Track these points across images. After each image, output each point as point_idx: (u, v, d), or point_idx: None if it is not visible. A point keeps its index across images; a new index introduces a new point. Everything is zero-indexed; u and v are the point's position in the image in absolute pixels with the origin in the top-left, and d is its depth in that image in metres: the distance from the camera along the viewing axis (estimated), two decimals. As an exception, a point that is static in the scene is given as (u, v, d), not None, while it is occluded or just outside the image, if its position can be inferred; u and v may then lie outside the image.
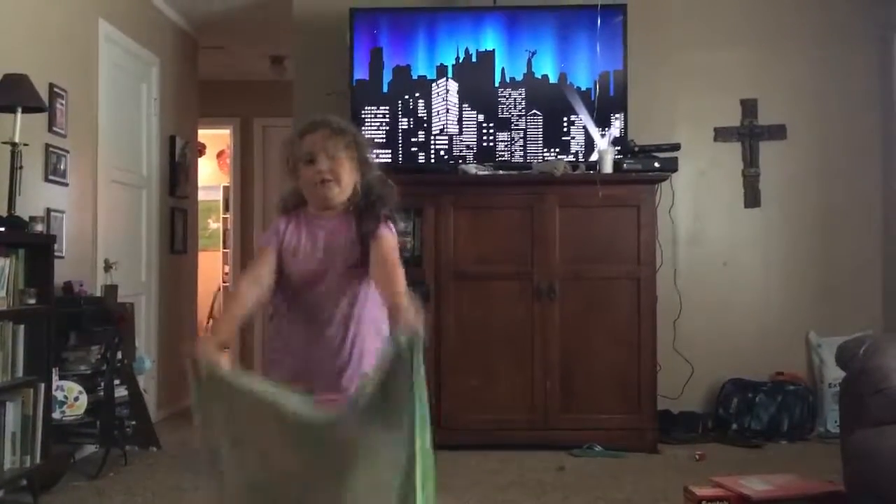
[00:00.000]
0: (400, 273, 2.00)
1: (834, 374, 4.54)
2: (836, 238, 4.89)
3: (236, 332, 2.30)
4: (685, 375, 4.71)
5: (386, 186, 2.19)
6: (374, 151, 2.29)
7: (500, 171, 4.46)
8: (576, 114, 4.53)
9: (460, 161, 4.52)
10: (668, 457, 4.18)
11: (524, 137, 4.55)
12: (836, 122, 4.90)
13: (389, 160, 4.49)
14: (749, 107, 4.91)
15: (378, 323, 2.13)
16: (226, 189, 8.51)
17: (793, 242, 4.91)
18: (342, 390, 2.04)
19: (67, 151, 4.12)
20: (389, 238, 2.10)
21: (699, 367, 4.73)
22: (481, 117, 4.55)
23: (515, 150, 4.55)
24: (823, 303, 4.85)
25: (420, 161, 4.55)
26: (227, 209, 8.34)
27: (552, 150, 4.53)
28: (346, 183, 2.12)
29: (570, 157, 4.50)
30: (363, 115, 4.56)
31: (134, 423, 4.24)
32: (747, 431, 4.56)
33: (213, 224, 9.69)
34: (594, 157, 4.45)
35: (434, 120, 4.56)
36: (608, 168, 4.35)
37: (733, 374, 4.75)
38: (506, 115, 4.56)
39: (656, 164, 4.36)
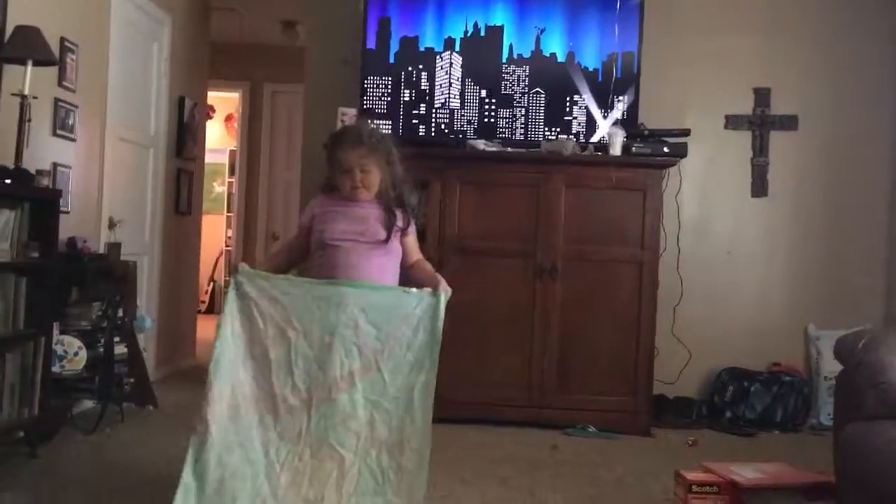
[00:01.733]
0: (426, 262, 2.74)
1: (830, 367, 4.55)
2: (841, 232, 4.88)
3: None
4: (682, 361, 4.73)
5: (408, 183, 2.70)
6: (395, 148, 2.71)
7: (508, 149, 4.45)
8: (580, 94, 4.49)
9: (460, 135, 4.50)
10: (660, 441, 4.21)
11: (526, 115, 4.53)
12: (849, 115, 4.88)
13: (389, 131, 4.47)
14: (762, 95, 4.88)
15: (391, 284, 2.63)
16: (232, 153, 8.50)
17: (798, 234, 4.90)
18: None
19: (76, 107, 4.10)
20: (414, 233, 2.73)
21: (697, 353, 4.74)
22: (483, 93, 4.52)
23: (517, 128, 4.52)
24: (824, 296, 4.86)
25: (420, 134, 4.53)
26: (232, 173, 8.33)
27: (553, 129, 4.51)
28: (373, 187, 2.63)
29: (572, 138, 4.47)
30: (365, 85, 4.53)
31: (132, 380, 4.27)
32: (741, 420, 4.59)
33: (218, 187, 9.70)
34: (602, 138, 4.43)
35: (436, 93, 4.54)
36: (617, 151, 4.33)
37: (730, 363, 4.76)
38: (509, 91, 4.53)
39: (665, 149, 4.34)
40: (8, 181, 3.26)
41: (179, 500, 2.30)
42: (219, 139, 9.14)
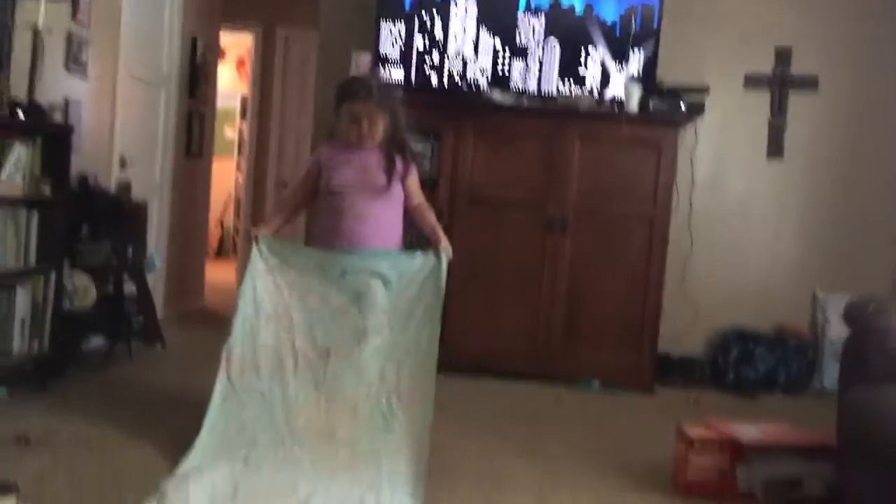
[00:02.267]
0: (431, 210, 2.95)
1: (836, 331, 4.56)
2: (854, 197, 4.83)
3: (283, 226, 2.98)
4: (688, 320, 4.73)
5: (408, 131, 2.91)
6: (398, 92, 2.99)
7: (524, 101, 4.40)
8: (596, 47, 4.41)
9: (473, 85, 4.44)
10: (663, 398, 4.24)
11: (540, 67, 4.46)
12: (871, 78, 4.79)
13: (402, 79, 4.42)
14: (783, 55, 4.80)
15: (388, 234, 2.88)
16: (243, 98, 8.44)
17: (810, 197, 4.86)
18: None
19: (89, 42, 4.07)
20: (417, 178, 2.95)
21: (703, 313, 4.74)
22: (498, 42, 4.45)
23: (530, 79, 4.46)
24: (834, 260, 4.83)
25: (433, 82, 4.47)
26: (243, 118, 8.28)
27: (567, 81, 4.44)
28: (379, 137, 2.84)
29: (586, 92, 4.41)
30: (380, 31, 4.47)
31: (140, 319, 4.30)
32: (744, 381, 4.61)
33: (229, 132, 9.65)
34: (619, 93, 4.37)
35: (450, 41, 4.47)
36: (633, 106, 4.28)
37: (736, 323, 4.77)
38: (524, 42, 4.46)
39: (682, 107, 4.29)
40: (21, 115, 3.25)
41: (204, 437, 2.56)
42: (230, 84, 9.06)
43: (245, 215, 7.50)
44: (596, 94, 4.41)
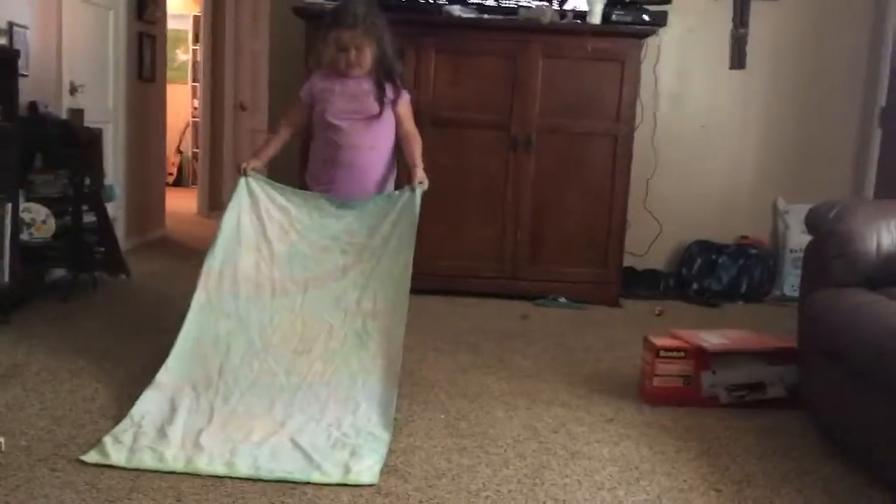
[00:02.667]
0: (419, 139, 2.96)
1: (797, 239, 4.67)
2: (814, 107, 4.86)
3: (274, 154, 3.04)
4: (653, 234, 4.79)
5: (396, 56, 2.93)
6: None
7: (485, 16, 4.31)
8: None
9: (440, 1, 4.33)
10: (629, 311, 4.31)
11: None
12: (832, -14, 4.78)
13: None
14: (745, -37, 4.74)
15: (386, 161, 2.95)
16: (196, 19, 8.17)
17: (772, 108, 4.88)
18: (358, 192, 2.88)
19: (29, -38, 3.88)
20: (408, 103, 2.96)
21: (667, 226, 4.80)
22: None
23: None
24: (795, 170, 4.89)
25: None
26: (196, 41, 8.03)
27: None
28: (367, 65, 2.85)
29: (548, 4, 4.32)
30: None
31: (102, 249, 4.23)
32: (707, 291, 4.70)
33: (182, 55, 9.37)
34: (581, 4, 4.30)
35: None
36: (596, 19, 4.22)
37: (700, 236, 4.83)
38: (484, -47, 4.32)
39: (645, 17, 4.24)
40: (-39, 39, 3.11)
41: (178, 346, 2.63)
42: (181, 4, 8.76)
43: (204, 141, 7.35)
44: (556, 4, 4.32)
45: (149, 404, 2.44)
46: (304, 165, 3.18)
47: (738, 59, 4.82)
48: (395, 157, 3.00)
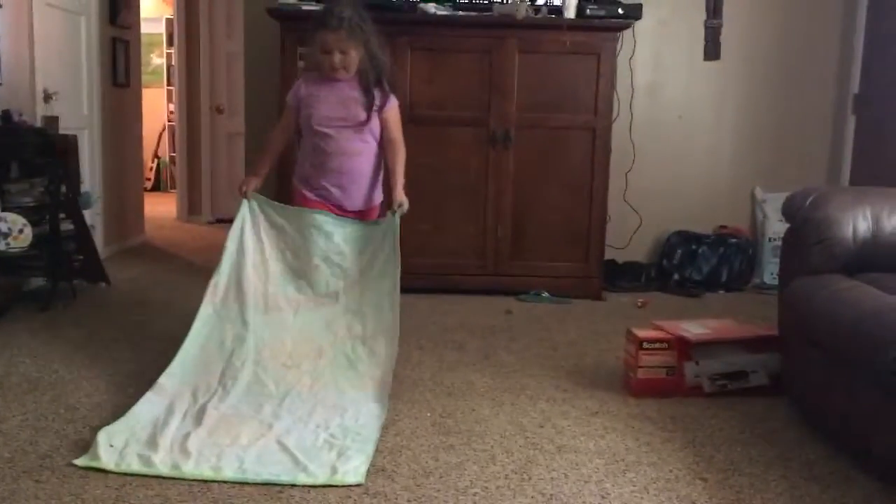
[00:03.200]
0: (402, 148, 2.94)
1: (775, 228, 4.71)
2: (789, 97, 4.90)
3: (271, 166, 3.10)
4: (633, 226, 4.82)
5: (384, 58, 2.89)
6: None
7: (460, 13, 4.31)
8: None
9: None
10: (611, 303, 4.33)
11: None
12: (803, -25, 4.82)
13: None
14: (717, -45, 4.77)
15: (374, 163, 2.95)
16: (169, 22, 8.11)
17: (748, 98, 4.91)
18: (345, 202, 2.93)
19: (-2, -31, 3.83)
20: (396, 110, 2.94)
21: (647, 218, 4.83)
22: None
23: None
24: (772, 159, 4.93)
25: None
26: (171, 44, 7.97)
27: None
28: (352, 67, 2.84)
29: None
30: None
31: (81, 257, 4.20)
32: (688, 282, 4.73)
33: (157, 59, 9.30)
34: (556, 0, 4.31)
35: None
36: (571, 13, 4.23)
37: (680, 227, 4.86)
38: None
39: (620, 11, 4.25)
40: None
41: (185, 350, 2.70)
42: (154, 7, 8.69)
43: (181, 145, 7.30)
44: (529, 2, 4.32)
45: (146, 407, 2.48)
46: (291, 165, 3.15)
47: (712, 51, 4.85)
48: (382, 159, 3.00)
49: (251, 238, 2.87)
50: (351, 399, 2.58)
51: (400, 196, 2.85)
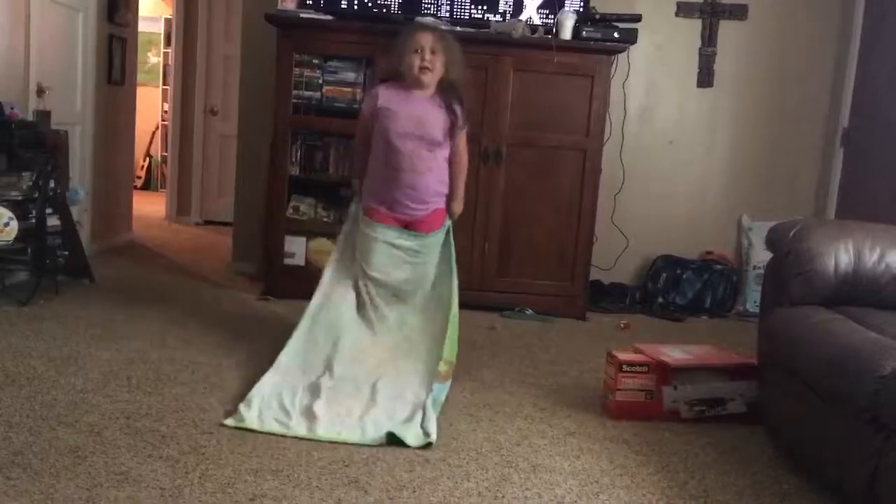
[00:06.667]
0: (466, 169, 3.24)
1: (759, 256, 4.74)
2: (780, 126, 4.95)
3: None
4: (620, 248, 4.84)
5: (464, 74, 3.11)
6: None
7: (457, 28, 4.33)
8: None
9: (383, 10, 4.33)
10: (594, 324, 4.34)
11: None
12: (798, 9, 4.86)
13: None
14: (714, -17, 4.82)
15: (442, 179, 3.14)
16: (167, 21, 8.11)
17: (739, 126, 4.96)
18: (412, 216, 3.12)
19: (-3, -39, 3.83)
20: (465, 135, 3.16)
21: (634, 241, 4.85)
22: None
23: (442, 4, 4.37)
24: (760, 188, 4.97)
25: (343, 7, 4.32)
26: (168, 43, 7.97)
27: (480, 7, 4.38)
28: (437, 72, 3.01)
29: (498, 17, 4.35)
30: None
31: (66, 253, 4.18)
32: (672, 306, 4.75)
33: (153, 58, 9.29)
34: (535, 18, 4.32)
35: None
36: (567, 35, 4.26)
37: (665, 251, 4.89)
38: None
39: (616, 35, 4.29)
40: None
41: (299, 332, 3.01)
42: (153, 7, 8.69)
43: (173, 145, 7.29)
44: (510, 19, 4.33)
45: (269, 379, 2.81)
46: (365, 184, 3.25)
47: (705, 78, 4.90)
48: (448, 175, 3.17)
49: (355, 239, 3.15)
50: (420, 384, 2.88)
51: (459, 207, 3.19)
